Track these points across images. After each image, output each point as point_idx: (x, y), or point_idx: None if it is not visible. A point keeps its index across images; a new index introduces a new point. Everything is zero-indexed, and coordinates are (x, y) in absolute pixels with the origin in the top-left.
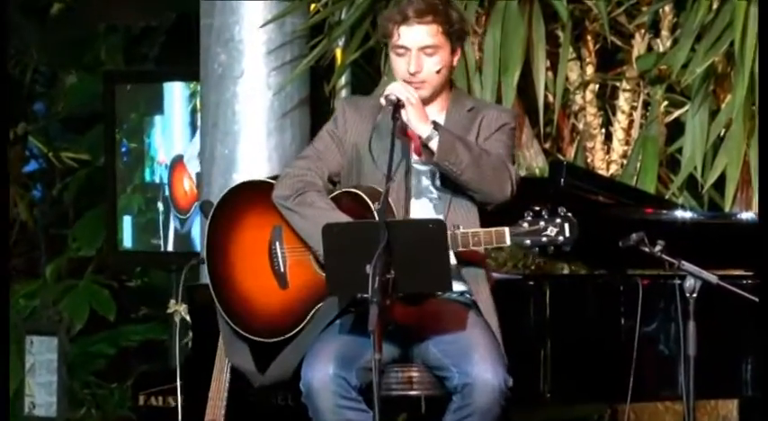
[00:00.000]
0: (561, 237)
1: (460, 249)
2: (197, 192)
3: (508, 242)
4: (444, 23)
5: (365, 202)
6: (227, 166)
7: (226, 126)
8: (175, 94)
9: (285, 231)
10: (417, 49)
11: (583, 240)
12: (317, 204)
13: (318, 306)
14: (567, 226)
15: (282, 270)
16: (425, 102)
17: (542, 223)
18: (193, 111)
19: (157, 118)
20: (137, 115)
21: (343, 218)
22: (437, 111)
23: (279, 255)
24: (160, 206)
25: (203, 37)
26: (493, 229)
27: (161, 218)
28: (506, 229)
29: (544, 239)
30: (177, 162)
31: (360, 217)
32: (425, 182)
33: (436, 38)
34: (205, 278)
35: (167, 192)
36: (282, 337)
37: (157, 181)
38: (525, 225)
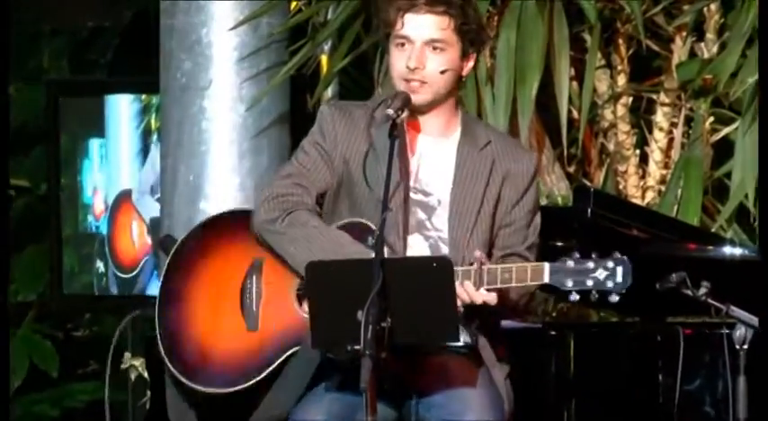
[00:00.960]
0: (611, 283)
1: (486, 288)
2: (148, 243)
3: (546, 280)
4: (458, 17)
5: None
6: (191, 195)
7: (191, 147)
8: (121, 110)
9: (267, 264)
10: (423, 42)
11: None
12: (311, 223)
13: (292, 350)
14: (619, 270)
15: (254, 308)
16: (424, 111)
17: (590, 263)
18: (145, 133)
19: (94, 142)
20: (67, 137)
21: (347, 239)
22: (444, 140)
23: (252, 290)
24: (99, 265)
25: (164, 40)
26: (529, 265)
27: (98, 281)
28: (546, 265)
29: (590, 283)
30: (122, 200)
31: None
32: (421, 215)
33: (446, 32)
34: None
35: (107, 246)
36: (239, 387)
37: (93, 229)
38: (570, 263)
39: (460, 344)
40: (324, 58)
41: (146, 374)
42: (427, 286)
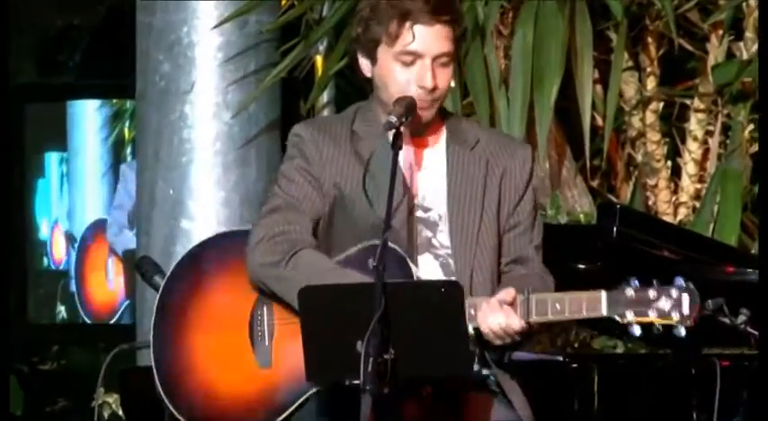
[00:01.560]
0: (676, 315)
1: (534, 320)
2: (125, 285)
3: (604, 312)
4: (459, 23)
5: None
6: (172, 212)
7: (171, 158)
8: (86, 117)
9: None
10: (432, 57)
11: None
12: (320, 265)
13: (309, 393)
14: (685, 299)
15: (266, 344)
16: (418, 130)
17: (652, 292)
18: (116, 145)
19: (52, 157)
20: (29, 150)
21: (358, 278)
22: (431, 147)
23: (264, 324)
24: (62, 310)
25: (141, 40)
26: (585, 294)
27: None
28: (603, 294)
29: (652, 314)
30: (93, 235)
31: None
32: (426, 233)
33: (452, 43)
34: (145, 359)
35: (74, 289)
36: None
37: (54, 266)
38: (629, 291)
39: (475, 373)
40: (319, 59)
41: (120, 412)
42: (435, 313)
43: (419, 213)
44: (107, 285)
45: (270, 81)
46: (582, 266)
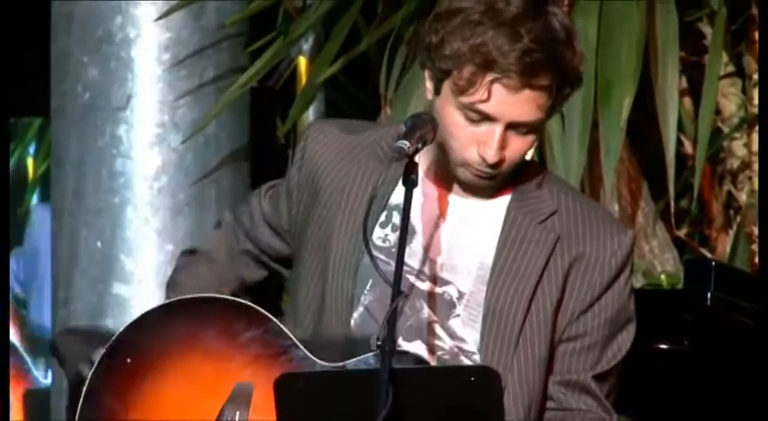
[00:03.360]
0: None
1: None
2: None
3: None
4: (563, 85)
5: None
6: (100, 271)
7: (98, 197)
8: None
9: (259, 390)
10: (507, 122)
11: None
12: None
13: None
14: None
15: None
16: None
17: None
18: (16, 184)
19: None
20: None
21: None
22: (480, 202)
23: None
24: None
25: (57, 36)
26: None
27: None
28: None
29: None
30: None
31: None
32: (427, 315)
33: (543, 111)
34: None
35: None
36: None
37: None
38: None
39: None
40: (302, 63)
41: None
42: (463, 411)
43: (426, 285)
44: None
45: (235, 92)
46: (663, 347)
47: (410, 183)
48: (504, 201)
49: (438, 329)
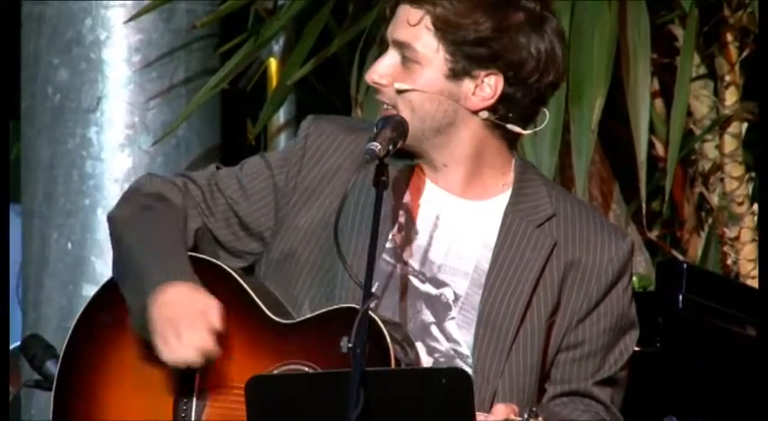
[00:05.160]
0: None
1: None
2: None
3: None
4: (443, 14)
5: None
6: (71, 274)
7: (69, 200)
8: None
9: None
10: (392, 44)
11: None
12: (166, 225)
13: None
14: None
15: None
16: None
17: None
18: None
19: None
20: None
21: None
22: (477, 204)
23: (192, 408)
24: None
25: (26, 36)
26: None
27: None
28: None
29: None
30: None
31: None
32: (427, 316)
33: (419, 33)
34: None
35: None
36: None
37: None
38: None
39: None
40: (273, 64)
41: None
42: (434, 413)
43: (425, 287)
44: None
45: (206, 94)
46: (636, 349)
47: (381, 186)
48: (501, 200)
49: (435, 331)
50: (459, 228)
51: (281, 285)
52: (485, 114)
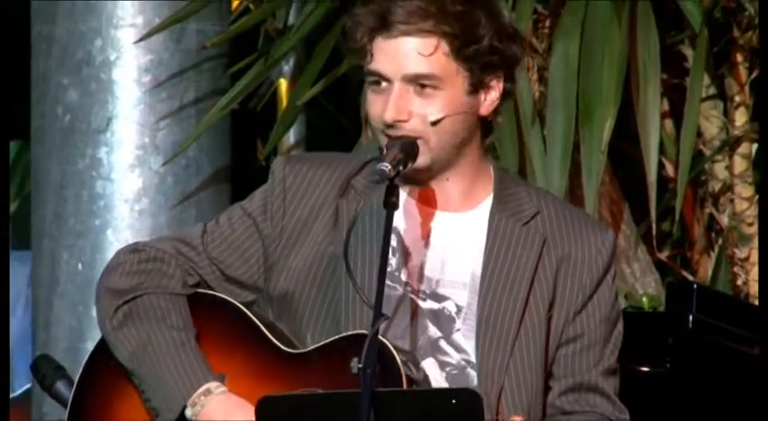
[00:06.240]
0: None
1: None
2: None
3: None
4: (455, 34)
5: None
6: (80, 294)
7: (79, 219)
8: None
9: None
10: (401, 79)
11: None
12: (151, 314)
13: None
14: None
15: None
16: (428, 177)
17: None
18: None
19: None
20: None
21: (190, 359)
22: (462, 215)
23: None
24: None
25: (36, 57)
26: None
27: None
28: None
29: None
30: None
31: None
32: (433, 332)
33: (437, 61)
34: None
35: None
36: None
37: None
38: None
39: None
40: (283, 85)
41: None
42: None
43: (427, 304)
44: None
45: (216, 114)
46: (645, 369)
47: (390, 206)
48: (485, 206)
49: (445, 345)
50: (450, 241)
51: (283, 321)
52: (491, 117)
